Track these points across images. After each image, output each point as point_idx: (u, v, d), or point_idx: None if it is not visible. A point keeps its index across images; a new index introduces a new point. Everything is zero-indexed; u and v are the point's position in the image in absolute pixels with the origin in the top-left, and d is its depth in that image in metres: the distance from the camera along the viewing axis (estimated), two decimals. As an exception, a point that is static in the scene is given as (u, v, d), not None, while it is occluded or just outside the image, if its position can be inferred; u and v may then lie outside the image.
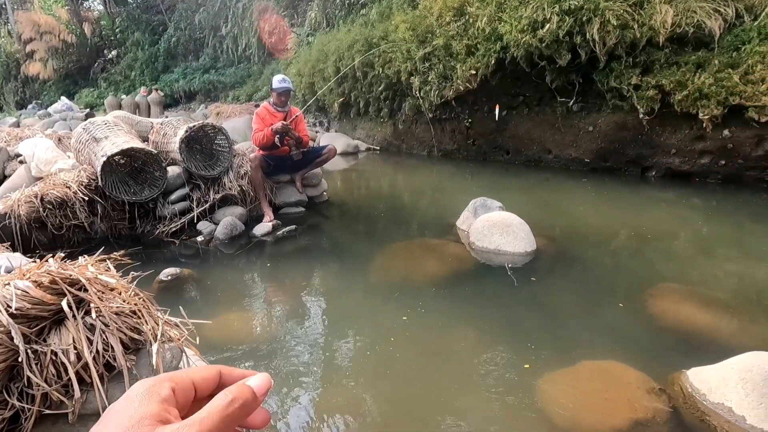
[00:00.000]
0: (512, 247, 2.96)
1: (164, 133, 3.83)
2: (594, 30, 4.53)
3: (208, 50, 15.66)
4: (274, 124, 3.91)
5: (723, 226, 3.53)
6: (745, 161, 4.27)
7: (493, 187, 4.93)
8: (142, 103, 12.96)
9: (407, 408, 1.65)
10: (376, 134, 8.05)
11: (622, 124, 4.88)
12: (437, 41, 5.91)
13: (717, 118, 4.15)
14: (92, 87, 17.99)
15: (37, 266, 1.10)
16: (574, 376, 1.75)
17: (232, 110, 10.19)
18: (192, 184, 3.77)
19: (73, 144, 3.64)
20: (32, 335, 1.02)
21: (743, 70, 4.00)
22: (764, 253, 2.98)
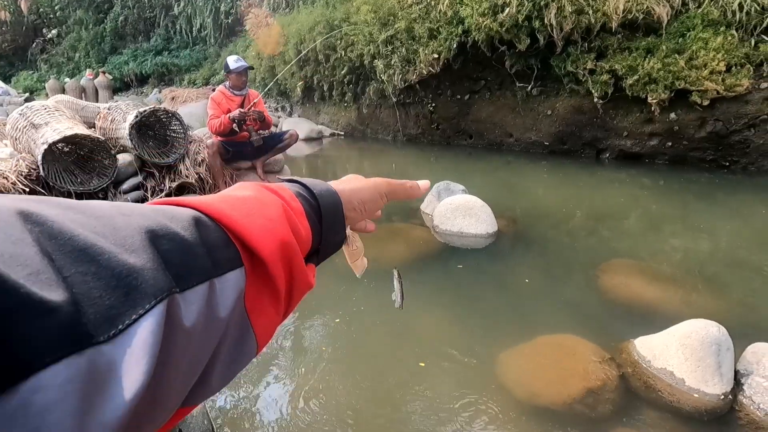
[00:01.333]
0: (474, 229, 3.02)
1: (112, 119, 3.60)
2: (552, 15, 4.62)
3: (159, 30, 14.79)
4: (231, 109, 3.77)
5: (670, 204, 3.75)
6: (689, 143, 4.53)
7: (457, 171, 4.99)
8: (88, 87, 12.12)
9: (374, 387, 1.66)
10: (340, 119, 7.94)
11: (579, 107, 5.05)
12: (399, 24, 5.85)
13: (664, 102, 4.36)
14: (31, 69, 16.65)
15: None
16: (532, 350, 1.83)
17: (188, 95, 9.76)
18: (145, 173, 3.58)
19: (9, 131, 3.36)
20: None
21: (688, 55, 4.21)
22: (706, 228, 3.19)
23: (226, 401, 1.64)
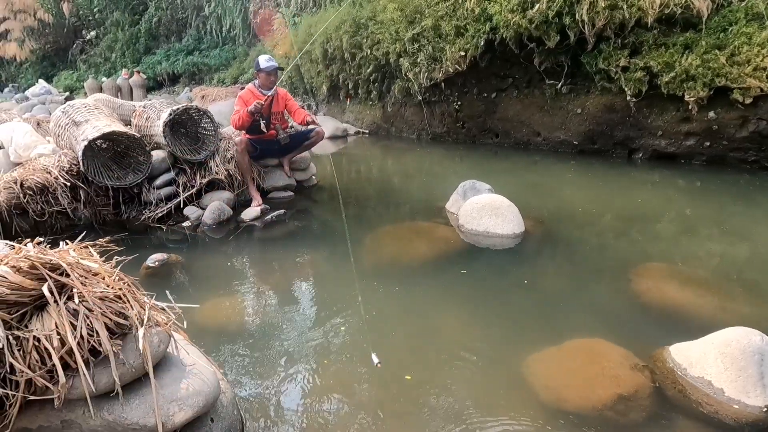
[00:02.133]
0: (501, 229, 2.98)
1: (147, 117, 3.73)
2: (583, 10, 4.49)
3: (191, 31, 15.20)
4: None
5: (706, 206, 3.59)
6: (729, 143, 4.33)
7: (483, 170, 4.93)
8: (123, 86, 12.59)
9: (397, 387, 1.67)
10: (365, 117, 7.97)
11: (610, 106, 4.90)
12: (426, 22, 5.82)
13: (703, 100, 4.18)
14: (71, 69, 17.40)
15: (15, 251, 1.07)
16: (560, 354, 1.79)
17: (218, 93, 9.99)
18: (177, 169, 3.70)
19: (52, 128, 3.53)
20: (13, 321, 1.00)
21: (729, 51, 4.02)
22: (744, 232, 3.05)
23: (255, 393, 1.68)
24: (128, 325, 1.12)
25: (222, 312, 2.26)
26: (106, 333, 1.06)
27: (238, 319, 2.20)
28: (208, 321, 2.14)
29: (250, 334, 2.06)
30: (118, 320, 1.09)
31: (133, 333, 1.13)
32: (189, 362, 1.31)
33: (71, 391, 1.05)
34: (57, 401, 1.02)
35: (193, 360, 1.34)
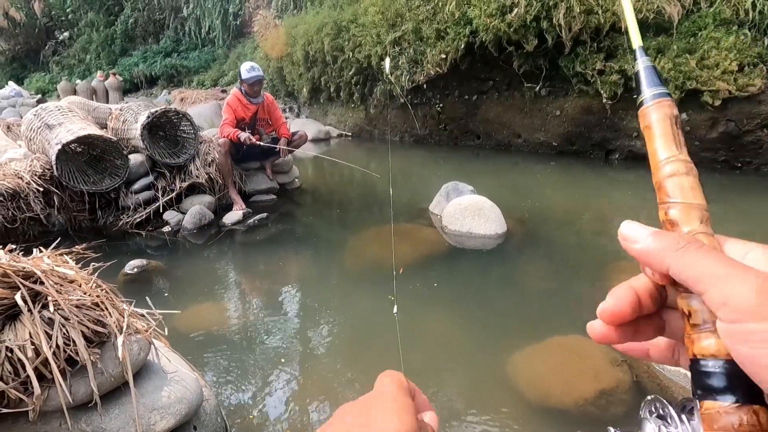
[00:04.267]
0: (484, 230, 3.02)
1: (124, 120, 3.65)
2: (560, 15, 4.60)
3: (169, 32, 14.94)
4: (245, 117, 3.80)
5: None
6: (701, 143, 4.49)
7: (465, 172, 4.98)
8: (99, 88, 12.28)
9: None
10: (348, 120, 7.96)
11: (587, 108, 5.02)
12: (407, 25, 5.86)
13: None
14: (43, 71, 16.89)
15: (-14, 259, 1.03)
16: (543, 351, 1.82)
17: (197, 96, 9.83)
18: (156, 173, 3.63)
19: (24, 131, 3.42)
20: (-16, 332, 0.96)
21: (699, 55, 4.17)
22: (717, 230, 3.14)
23: (239, 399, 1.65)
24: (106, 333, 1.09)
25: (204, 318, 2.22)
26: (84, 342, 1.03)
27: (220, 325, 2.17)
28: (189, 327, 2.10)
29: (232, 340, 2.03)
30: (96, 328, 1.06)
31: (112, 341, 1.10)
32: (170, 369, 1.28)
33: (47, 403, 1.02)
34: (32, 413, 0.99)
35: (174, 367, 1.31)
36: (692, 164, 0.28)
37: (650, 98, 0.30)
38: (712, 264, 0.22)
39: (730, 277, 0.21)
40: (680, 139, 0.29)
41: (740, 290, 0.21)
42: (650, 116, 0.29)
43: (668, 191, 0.28)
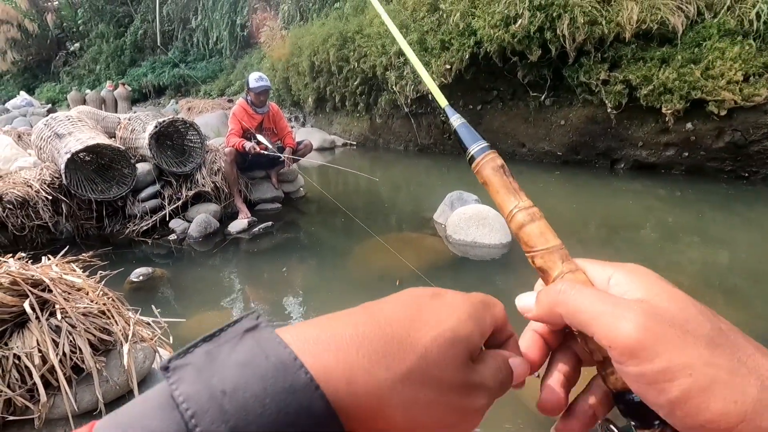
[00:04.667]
0: (488, 239, 3.01)
1: (132, 129, 3.70)
2: (564, 26, 4.63)
3: (177, 43, 15.19)
4: (251, 127, 3.84)
5: (686, 215, 3.69)
6: (707, 153, 4.47)
7: (469, 181, 4.99)
8: (108, 98, 12.47)
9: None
10: (353, 129, 8.02)
11: (592, 117, 5.02)
12: (412, 36, 5.92)
13: (679, 112, 4.32)
14: (54, 81, 17.19)
15: (-4, 267, 1.05)
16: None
17: (204, 105, 9.95)
18: (163, 181, 3.66)
19: (34, 141, 3.48)
20: (-8, 339, 0.98)
21: (704, 65, 4.17)
22: (724, 240, 3.13)
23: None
24: (112, 341, 1.10)
25: (209, 326, 2.22)
26: (90, 349, 1.04)
27: (225, 333, 2.17)
28: (194, 335, 2.09)
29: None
30: (102, 336, 1.07)
31: (118, 349, 1.11)
32: (175, 378, 1.28)
33: (52, 411, 1.02)
34: (37, 421, 1.00)
35: (178, 376, 1.31)
36: (533, 208, 0.30)
37: (479, 152, 0.33)
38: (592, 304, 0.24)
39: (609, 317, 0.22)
40: (514, 185, 0.32)
41: (620, 332, 0.22)
42: (484, 171, 0.32)
43: (525, 241, 0.30)
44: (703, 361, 0.20)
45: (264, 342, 0.20)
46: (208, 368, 0.19)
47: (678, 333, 0.21)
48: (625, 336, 0.21)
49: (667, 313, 0.22)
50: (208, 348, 0.20)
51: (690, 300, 0.23)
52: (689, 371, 0.20)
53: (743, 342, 0.21)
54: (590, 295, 0.24)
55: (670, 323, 0.21)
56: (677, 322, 0.21)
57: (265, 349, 0.19)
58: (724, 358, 0.20)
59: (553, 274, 0.28)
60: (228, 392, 0.17)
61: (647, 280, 0.25)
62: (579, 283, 0.27)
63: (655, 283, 0.24)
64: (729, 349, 0.20)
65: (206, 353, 0.19)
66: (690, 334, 0.21)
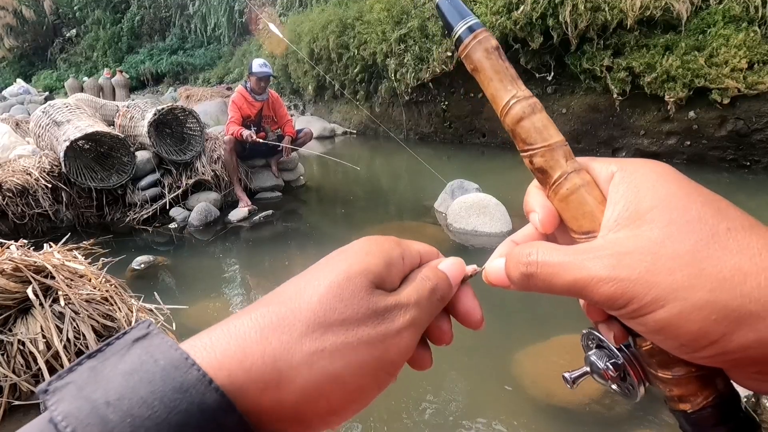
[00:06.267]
0: (489, 228, 3.01)
1: (131, 117, 3.68)
2: (566, 12, 4.56)
3: (175, 30, 15.01)
4: (251, 114, 3.81)
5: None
6: (709, 142, 4.45)
7: (470, 170, 4.97)
8: (105, 85, 12.36)
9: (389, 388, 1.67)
10: (353, 117, 7.96)
11: (594, 106, 4.98)
12: (412, 22, 5.84)
13: (682, 101, 4.28)
14: (51, 68, 17.02)
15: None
16: (547, 350, 1.82)
17: (203, 93, 9.86)
18: (163, 170, 3.65)
19: (33, 128, 3.45)
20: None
21: (708, 52, 4.12)
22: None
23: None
24: (116, 327, 1.11)
25: (211, 313, 2.24)
26: (93, 335, 1.04)
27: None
28: (197, 322, 2.12)
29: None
30: (106, 322, 1.08)
31: (121, 335, 1.11)
32: (178, 364, 1.29)
33: (57, 396, 1.03)
34: (42, 406, 1.01)
35: (182, 362, 1.32)
36: (533, 98, 0.26)
37: (467, 32, 0.27)
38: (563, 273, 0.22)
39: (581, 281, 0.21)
40: (511, 72, 0.27)
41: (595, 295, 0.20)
42: (473, 55, 0.27)
43: (523, 138, 0.26)
44: (676, 286, 0.18)
45: (154, 348, 0.18)
46: (91, 383, 0.17)
47: (647, 265, 0.19)
48: (599, 297, 0.20)
49: (643, 238, 0.20)
50: (93, 364, 0.18)
51: (692, 198, 0.21)
52: (661, 302, 0.19)
53: (749, 241, 0.19)
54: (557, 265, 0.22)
55: (640, 255, 0.19)
56: (652, 247, 0.19)
57: (154, 355, 0.18)
58: (705, 274, 0.18)
59: (554, 175, 0.25)
60: (112, 402, 0.16)
61: (647, 180, 0.22)
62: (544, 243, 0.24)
63: (654, 184, 0.22)
64: (716, 259, 0.18)
65: (90, 369, 0.18)
66: (663, 258, 0.19)
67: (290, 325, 0.20)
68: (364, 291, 0.22)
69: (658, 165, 0.23)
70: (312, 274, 0.24)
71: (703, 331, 0.18)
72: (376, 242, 0.25)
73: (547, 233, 0.27)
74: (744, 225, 0.20)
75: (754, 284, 0.18)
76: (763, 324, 0.17)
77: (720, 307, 0.18)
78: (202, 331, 0.21)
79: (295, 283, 0.24)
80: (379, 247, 0.25)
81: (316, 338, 0.20)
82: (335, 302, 0.21)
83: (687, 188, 0.22)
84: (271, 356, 0.19)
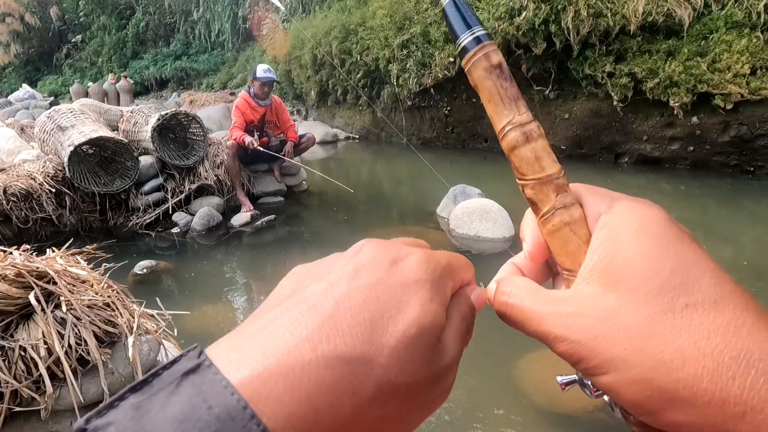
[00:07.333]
0: (491, 233, 3.01)
1: (135, 122, 3.70)
2: (569, 18, 4.58)
3: (179, 36, 15.13)
4: (254, 120, 3.83)
5: (690, 209, 3.67)
6: (712, 147, 4.44)
7: (472, 175, 4.97)
8: (110, 90, 12.45)
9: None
10: (355, 122, 7.99)
11: (597, 111, 4.98)
12: (415, 28, 5.87)
13: (686, 106, 4.28)
14: (56, 74, 17.18)
15: (1, 259, 1.05)
16: (551, 356, 1.79)
17: (206, 98, 9.91)
18: (166, 174, 3.66)
19: (37, 133, 3.48)
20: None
21: (711, 58, 4.12)
22: (729, 235, 3.11)
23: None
24: (117, 334, 1.10)
25: (213, 319, 2.23)
26: (95, 342, 1.04)
27: (229, 326, 2.18)
28: (198, 328, 2.11)
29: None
30: (107, 328, 1.07)
31: (123, 341, 1.11)
32: (179, 370, 1.29)
33: (58, 402, 1.03)
34: (44, 412, 1.00)
35: (183, 368, 1.32)
36: (531, 124, 0.24)
37: (472, 43, 0.25)
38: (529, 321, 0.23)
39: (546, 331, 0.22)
40: (511, 93, 0.25)
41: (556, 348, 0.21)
42: (474, 72, 0.25)
43: (517, 167, 0.25)
44: (618, 358, 0.19)
45: (206, 387, 0.16)
46: (135, 427, 0.15)
47: (598, 332, 0.20)
48: (556, 351, 0.21)
49: (604, 301, 0.20)
50: (137, 400, 0.16)
51: (662, 264, 0.20)
52: (604, 369, 0.19)
53: (703, 321, 0.18)
54: (526, 311, 0.23)
55: (595, 321, 0.20)
56: (608, 314, 0.20)
57: (207, 397, 0.16)
58: (647, 351, 0.18)
59: (543, 209, 0.25)
60: None
61: (627, 231, 0.22)
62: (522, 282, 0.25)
63: (631, 238, 0.21)
64: (661, 338, 0.18)
65: (134, 408, 0.16)
66: (614, 328, 0.19)
67: (361, 383, 0.18)
68: (431, 351, 0.20)
69: (647, 211, 0.22)
70: (380, 300, 0.20)
71: (639, 401, 0.19)
72: (439, 281, 0.22)
73: (536, 263, 0.27)
74: (707, 301, 0.19)
75: (690, 371, 0.18)
76: (692, 410, 0.18)
77: (654, 387, 0.18)
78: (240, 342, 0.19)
79: (361, 304, 0.19)
80: (440, 289, 0.22)
81: (382, 403, 0.18)
82: (407, 362, 0.19)
83: (663, 248, 0.21)
84: (341, 424, 0.17)
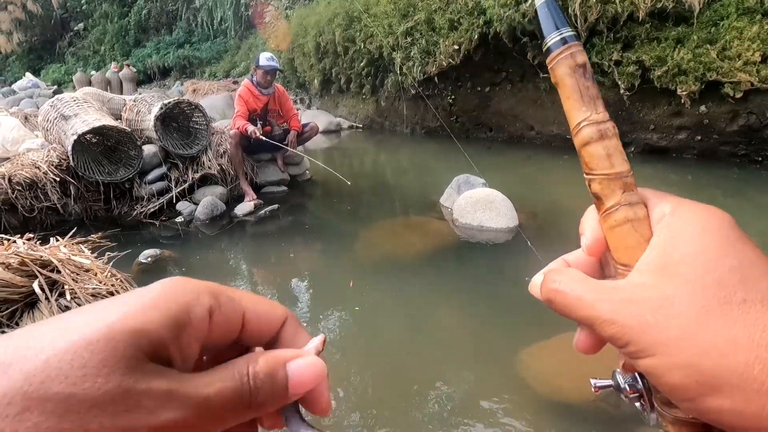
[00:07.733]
0: (495, 223, 2.99)
1: (138, 111, 3.68)
2: (576, 5, 4.49)
3: (181, 24, 15.01)
4: (257, 108, 3.81)
5: (698, 200, 3.55)
6: (720, 136, 4.37)
7: (477, 164, 4.94)
8: (113, 79, 12.41)
9: (393, 382, 1.67)
10: (359, 111, 7.93)
11: (603, 99, 4.91)
12: (419, 15, 5.79)
13: (694, 94, 4.21)
14: (59, 62, 17.13)
15: (4, 248, 1.05)
16: (554, 347, 1.80)
17: (209, 87, 9.87)
18: (169, 164, 3.66)
19: (41, 122, 3.48)
20: (2, 319, 0.99)
21: (721, 45, 4.04)
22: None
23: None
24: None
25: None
26: (99, 330, 1.05)
27: (232, 315, 2.19)
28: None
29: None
30: (111, 317, 1.08)
31: (127, 329, 1.12)
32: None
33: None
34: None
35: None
36: (607, 123, 0.26)
37: (557, 44, 0.26)
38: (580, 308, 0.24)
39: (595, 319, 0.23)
40: (591, 92, 0.26)
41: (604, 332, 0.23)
42: (558, 70, 0.26)
43: (587, 162, 0.26)
44: (667, 342, 0.20)
45: None
46: None
47: (649, 318, 0.20)
48: (604, 334, 0.22)
49: (658, 290, 0.21)
50: None
51: (723, 261, 0.21)
52: (650, 352, 0.20)
53: (759, 316, 0.19)
54: (574, 299, 0.24)
55: (647, 307, 0.21)
56: (661, 302, 0.20)
57: None
58: (698, 338, 0.19)
59: (607, 204, 0.26)
60: None
61: (689, 230, 0.23)
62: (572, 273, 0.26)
63: (693, 236, 0.22)
64: (715, 328, 0.19)
65: None
66: (665, 315, 0.20)
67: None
68: (125, 361, 0.15)
69: (712, 214, 0.24)
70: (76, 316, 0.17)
71: (683, 386, 0.19)
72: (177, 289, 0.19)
73: (592, 257, 0.28)
74: (766, 299, 0.19)
75: (742, 359, 0.18)
76: (740, 396, 0.18)
77: (702, 371, 0.19)
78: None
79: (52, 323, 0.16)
80: (175, 297, 0.18)
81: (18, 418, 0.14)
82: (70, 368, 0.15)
83: (724, 247, 0.22)
84: None
